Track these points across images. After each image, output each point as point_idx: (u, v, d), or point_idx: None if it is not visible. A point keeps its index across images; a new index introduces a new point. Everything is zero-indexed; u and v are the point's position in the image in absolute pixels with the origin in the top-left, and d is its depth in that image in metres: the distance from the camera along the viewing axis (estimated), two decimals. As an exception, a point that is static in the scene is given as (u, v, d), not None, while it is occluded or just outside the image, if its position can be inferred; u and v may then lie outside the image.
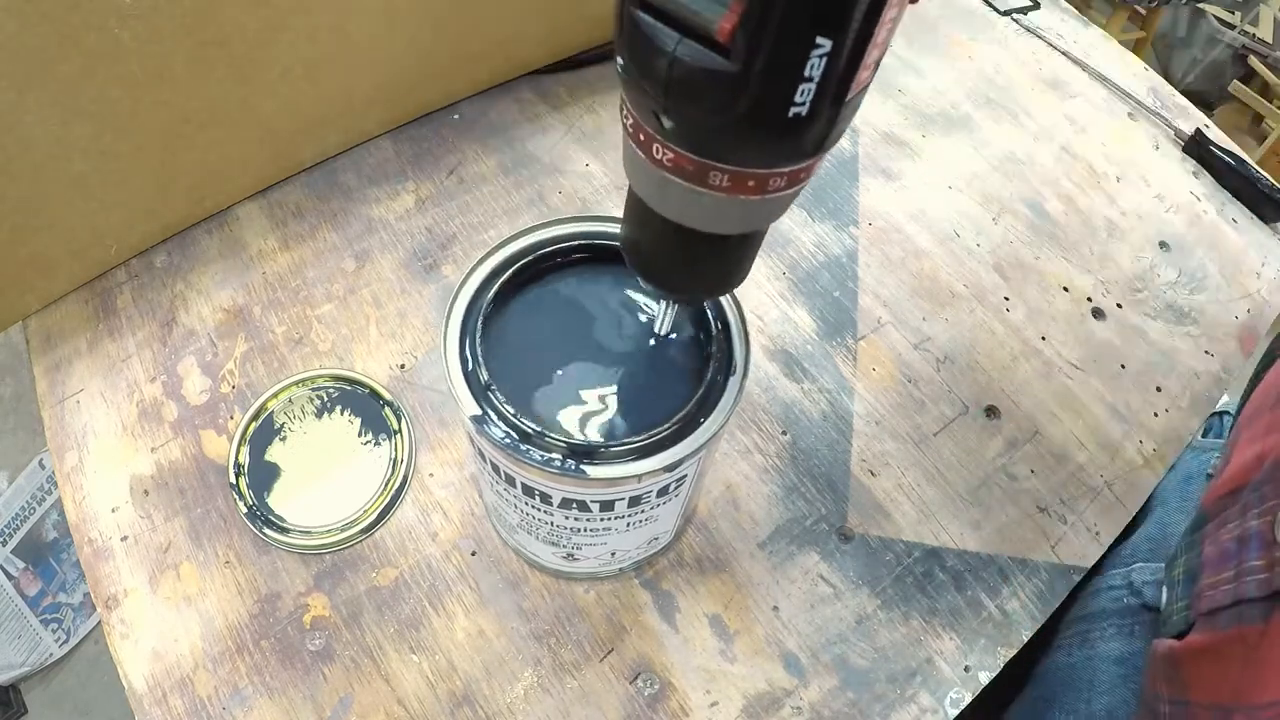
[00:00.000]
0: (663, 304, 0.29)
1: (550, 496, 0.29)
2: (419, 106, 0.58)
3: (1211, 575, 0.34)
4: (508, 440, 0.27)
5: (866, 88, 0.19)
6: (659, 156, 0.20)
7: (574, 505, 0.29)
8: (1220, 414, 0.49)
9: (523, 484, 0.29)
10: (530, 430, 0.27)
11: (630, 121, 0.21)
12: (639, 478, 0.27)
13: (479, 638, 0.41)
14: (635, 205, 0.24)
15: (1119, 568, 0.43)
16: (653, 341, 0.31)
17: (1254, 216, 0.63)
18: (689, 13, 0.16)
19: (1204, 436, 0.49)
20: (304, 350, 0.49)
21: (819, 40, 0.16)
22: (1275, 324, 0.59)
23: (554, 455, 0.27)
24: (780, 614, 0.43)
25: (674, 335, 0.31)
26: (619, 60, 0.19)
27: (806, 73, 0.16)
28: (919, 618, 0.43)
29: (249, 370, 0.48)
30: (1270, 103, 1.95)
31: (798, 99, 0.17)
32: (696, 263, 0.25)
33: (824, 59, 0.16)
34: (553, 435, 0.27)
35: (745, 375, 0.29)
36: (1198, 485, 0.45)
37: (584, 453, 0.27)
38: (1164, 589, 0.37)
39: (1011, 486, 0.48)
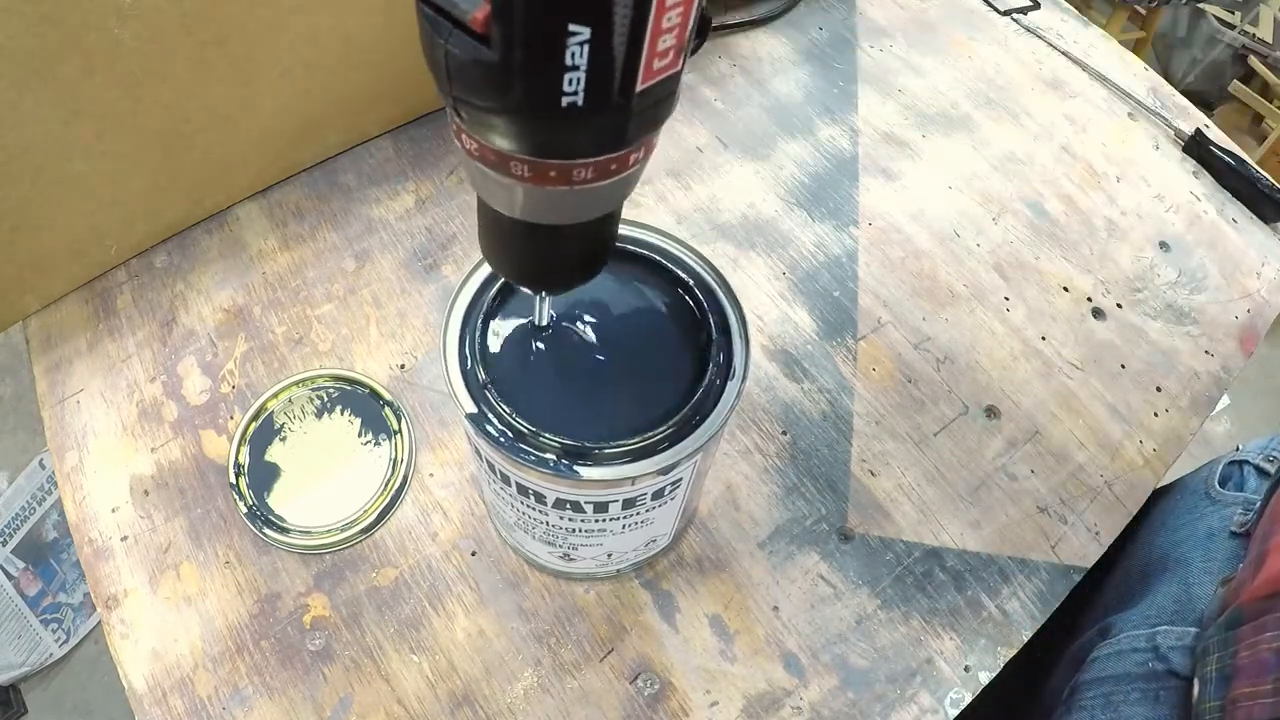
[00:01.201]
0: (536, 296, 0.29)
1: (545, 496, 0.29)
2: (419, 106, 0.58)
3: (1249, 684, 0.34)
4: (503, 439, 0.28)
5: (673, 78, 0.19)
6: (467, 146, 0.20)
7: (568, 506, 0.29)
8: (1240, 463, 0.49)
9: (518, 483, 0.29)
10: (526, 430, 0.27)
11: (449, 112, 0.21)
12: (632, 480, 0.27)
13: (479, 638, 0.41)
14: (478, 197, 0.24)
15: (1143, 629, 0.43)
16: (646, 337, 0.31)
17: (1254, 216, 0.63)
18: (450, 4, 0.17)
19: (1222, 487, 0.48)
20: (304, 350, 0.49)
21: (573, 28, 0.16)
22: (1275, 324, 0.59)
23: (548, 455, 0.27)
24: (780, 614, 0.43)
25: (675, 337, 0.31)
26: None
27: (570, 61, 0.16)
28: (919, 618, 0.43)
29: (249, 370, 0.48)
30: (1270, 103, 1.95)
31: (567, 89, 0.17)
32: (538, 253, 0.24)
33: (586, 47, 0.16)
34: (548, 435, 0.27)
35: (744, 380, 0.29)
36: (1220, 543, 0.45)
37: (578, 454, 0.27)
38: (1196, 682, 0.37)
39: (1011, 486, 0.48)
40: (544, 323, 0.30)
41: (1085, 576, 0.46)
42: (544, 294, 0.29)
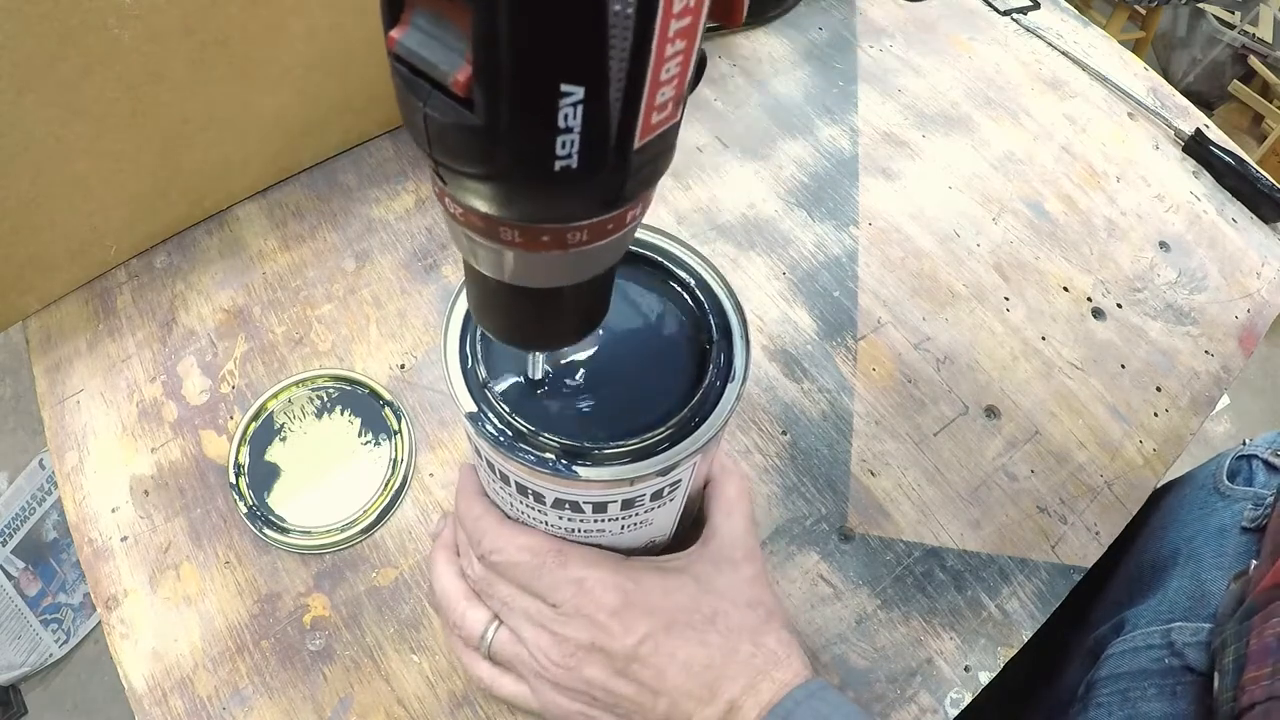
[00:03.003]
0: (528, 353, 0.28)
1: (543, 496, 0.29)
2: (419, 106, 0.58)
3: (1254, 670, 0.34)
4: (502, 439, 0.27)
5: (671, 130, 0.17)
6: (453, 211, 0.19)
7: (567, 506, 0.29)
8: (1248, 457, 0.49)
9: (517, 483, 0.29)
10: (525, 429, 0.27)
11: (431, 176, 0.19)
12: (631, 481, 0.27)
13: (479, 638, 0.41)
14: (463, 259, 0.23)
15: (1157, 625, 0.43)
16: (647, 337, 0.31)
17: (1254, 216, 0.63)
18: (428, 65, 0.15)
19: (1231, 481, 0.48)
20: (304, 350, 0.49)
21: (565, 89, 0.14)
22: (1275, 324, 0.59)
23: (547, 455, 0.27)
24: (780, 614, 0.43)
25: (675, 338, 0.31)
26: None
27: (562, 123, 0.15)
28: (919, 618, 0.43)
29: (249, 370, 0.48)
30: (1270, 103, 1.96)
31: (560, 151, 0.15)
32: (529, 316, 0.23)
33: (579, 107, 0.15)
34: (547, 435, 0.27)
35: (744, 381, 0.29)
36: (1231, 538, 0.45)
37: (577, 454, 0.27)
38: (1217, 675, 0.38)
39: (1011, 486, 0.48)
40: (538, 377, 0.29)
41: (1096, 570, 0.46)
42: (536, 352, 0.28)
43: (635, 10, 0.14)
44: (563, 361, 0.30)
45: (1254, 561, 0.41)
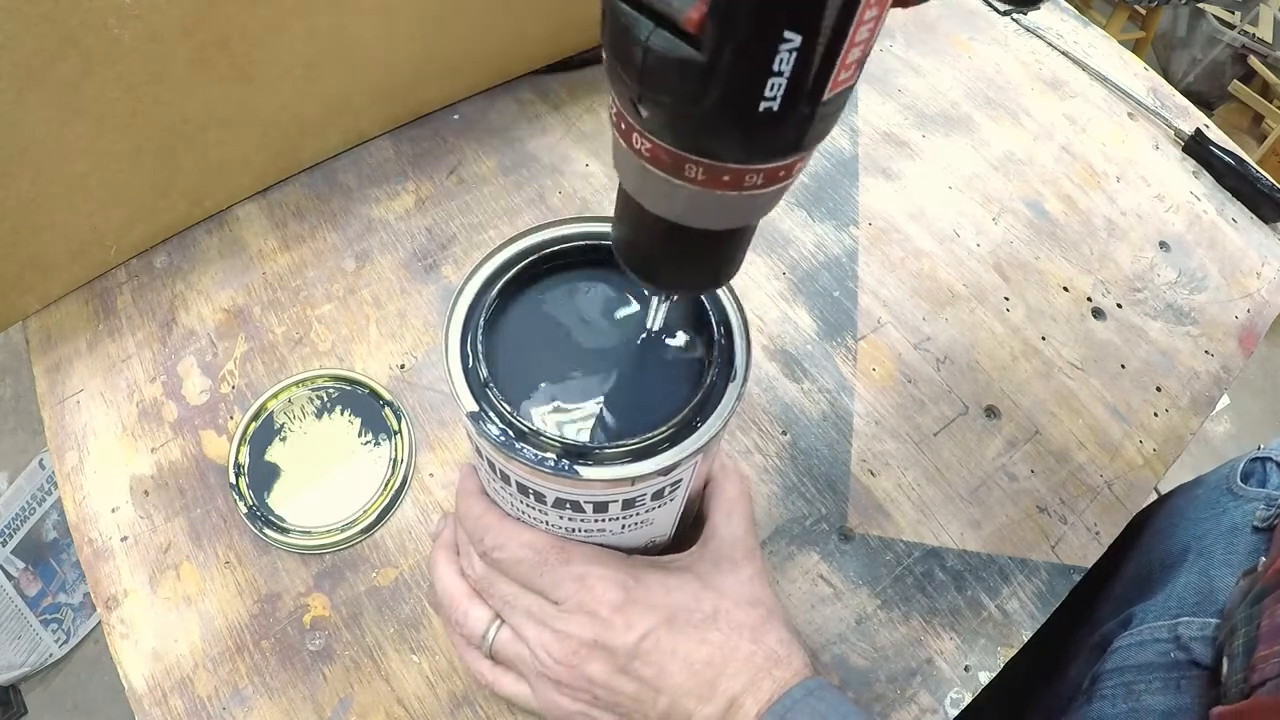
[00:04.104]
0: (654, 299, 0.29)
1: (544, 496, 0.29)
2: (419, 106, 0.58)
3: (1265, 649, 0.35)
4: (503, 438, 0.28)
5: (850, 89, 0.19)
6: (638, 146, 0.20)
7: (568, 505, 0.29)
8: (1262, 460, 0.49)
9: (518, 482, 0.29)
10: (526, 429, 0.27)
11: (614, 110, 0.21)
12: (632, 480, 0.27)
13: (479, 638, 0.41)
14: (622, 197, 0.24)
15: (1164, 619, 0.44)
16: (647, 337, 0.31)
17: (1254, 216, 0.63)
18: (661, 2, 0.16)
19: (1244, 483, 0.49)
20: (304, 350, 0.49)
21: (788, 35, 0.16)
22: (1275, 324, 0.59)
23: (548, 455, 0.27)
24: (780, 614, 0.43)
25: (676, 338, 0.31)
26: (603, 48, 0.19)
27: (776, 67, 0.16)
28: (919, 618, 0.43)
29: (249, 370, 0.48)
30: (1270, 103, 1.96)
31: (768, 93, 0.17)
32: (682, 257, 0.24)
33: (794, 54, 0.16)
34: (548, 435, 0.27)
35: (745, 381, 0.29)
36: (1242, 537, 0.45)
37: (578, 453, 0.27)
38: (1225, 660, 0.38)
39: (1011, 486, 0.48)
40: (656, 327, 0.30)
41: (1101, 569, 0.46)
42: (666, 299, 0.29)
43: None
44: (565, 360, 0.30)
45: (1263, 559, 0.41)
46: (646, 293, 0.29)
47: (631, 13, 0.17)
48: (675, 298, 0.29)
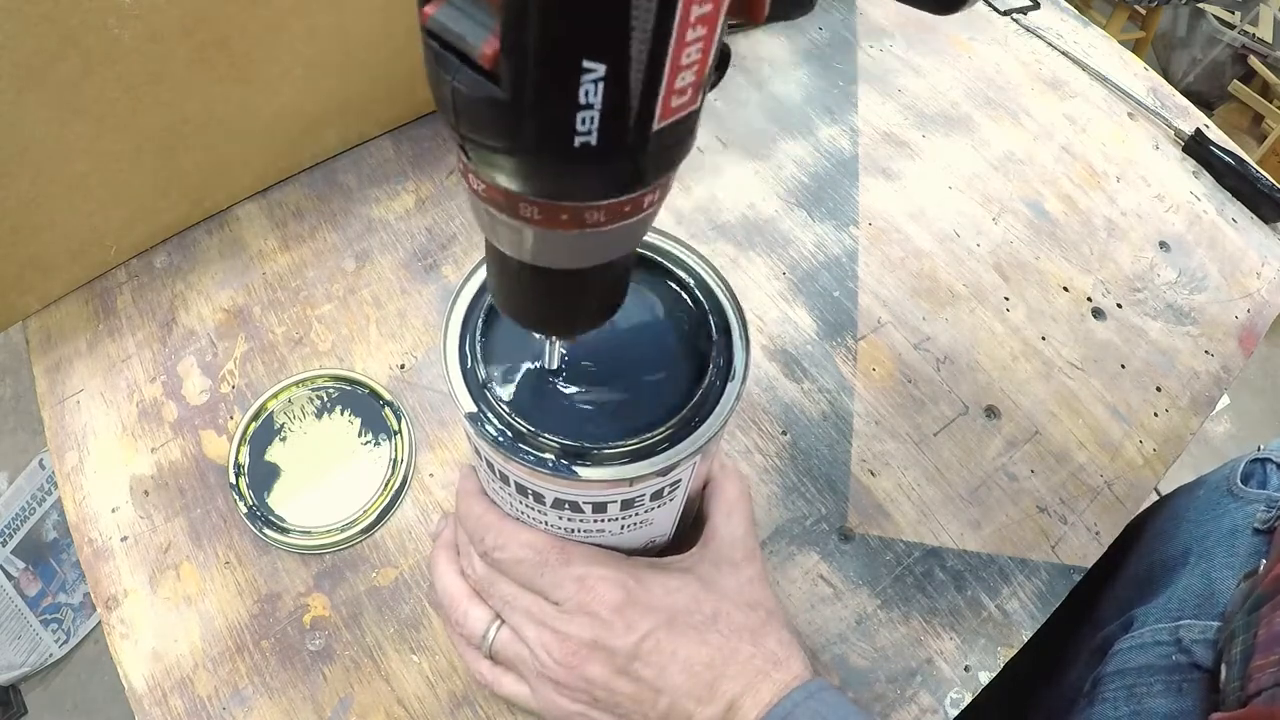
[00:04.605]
0: (547, 341, 0.28)
1: (543, 496, 0.29)
2: (419, 106, 0.58)
3: (1261, 658, 0.35)
4: (502, 439, 0.27)
5: (694, 113, 0.18)
6: (475, 187, 0.19)
7: (566, 506, 0.29)
8: (1262, 461, 0.49)
9: (516, 483, 0.29)
10: (525, 429, 0.27)
11: (456, 151, 0.20)
12: (630, 481, 0.27)
13: (479, 638, 0.41)
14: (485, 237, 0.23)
15: (1165, 622, 0.44)
16: (647, 338, 0.31)
17: (1254, 216, 0.63)
18: (457, 39, 0.16)
19: (1244, 484, 0.49)
20: (304, 350, 0.49)
21: (588, 64, 0.15)
22: (1275, 324, 0.59)
23: (546, 455, 0.27)
24: (780, 614, 0.43)
25: (675, 338, 0.31)
26: None
27: (584, 100, 0.15)
28: (919, 618, 0.43)
29: (249, 370, 0.48)
30: (1270, 103, 1.96)
31: (580, 127, 0.16)
32: (551, 297, 0.23)
33: (600, 84, 0.15)
34: (546, 435, 0.27)
35: (744, 381, 0.29)
36: (1243, 539, 0.45)
37: (576, 454, 0.27)
38: (1224, 666, 0.38)
39: (1011, 486, 0.48)
40: (554, 366, 0.29)
41: (1103, 569, 0.46)
42: (554, 339, 0.28)
43: None
44: (565, 359, 0.30)
45: (1264, 561, 0.41)
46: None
47: (439, 49, 0.16)
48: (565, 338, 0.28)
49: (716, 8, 0.15)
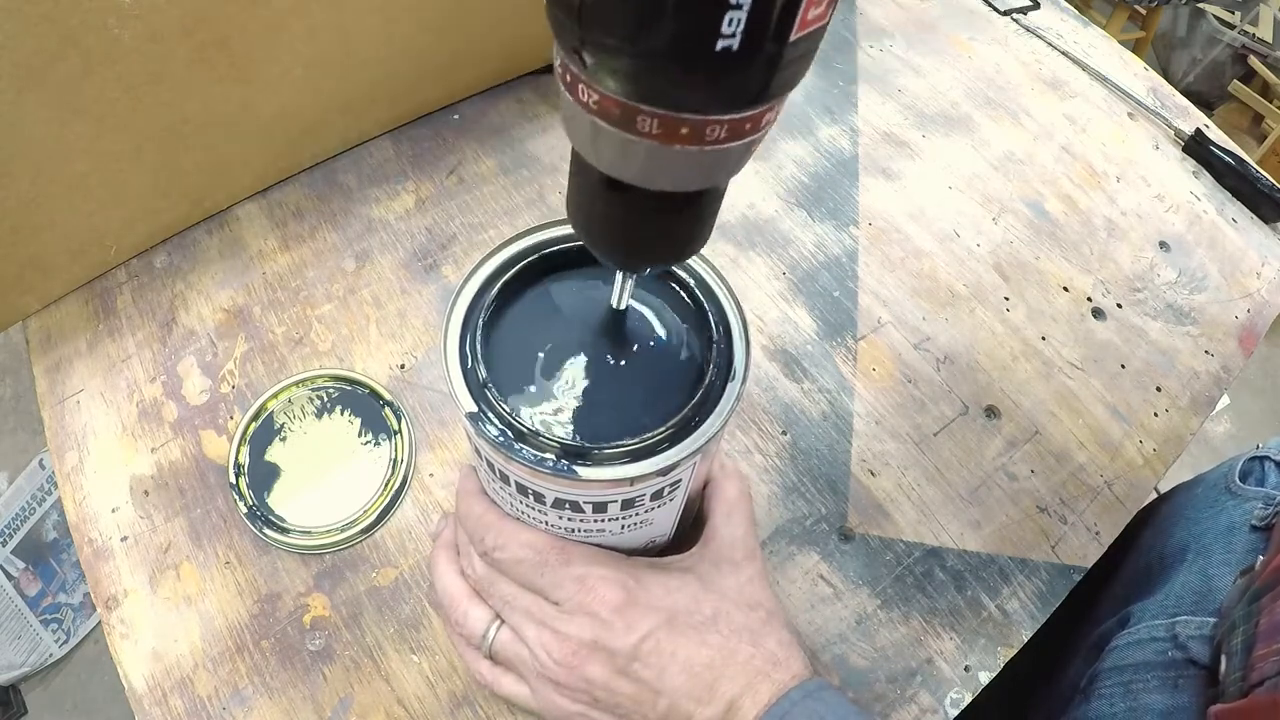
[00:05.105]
0: (618, 274, 0.27)
1: (544, 496, 0.29)
2: (419, 106, 0.58)
3: (1264, 646, 0.35)
4: (502, 438, 0.27)
5: (823, 28, 0.17)
6: (585, 99, 0.18)
7: (567, 505, 0.29)
8: (1260, 459, 0.49)
9: (517, 483, 0.29)
10: (525, 429, 0.27)
11: (558, 61, 0.19)
12: (631, 480, 0.27)
13: (479, 638, 0.41)
14: (574, 160, 0.22)
15: (1162, 618, 0.44)
16: (645, 338, 0.31)
17: (1254, 216, 0.63)
18: None
19: (1243, 481, 0.49)
20: (304, 350, 0.49)
21: None
22: (1275, 324, 0.59)
23: (547, 455, 0.27)
24: (780, 614, 0.43)
25: (674, 338, 0.31)
26: None
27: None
28: (919, 618, 0.43)
29: (249, 370, 0.48)
30: (1270, 103, 1.96)
31: (726, 30, 0.15)
32: (642, 226, 0.22)
33: None
34: (547, 435, 0.27)
35: (744, 381, 0.29)
36: (1240, 536, 0.45)
37: (577, 453, 0.27)
38: (1223, 658, 0.38)
39: (1011, 486, 0.48)
40: (622, 305, 0.28)
41: (1101, 567, 0.46)
42: (631, 273, 0.27)
43: None
44: (565, 359, 0.30)
45: (1261, 557, 0.41)
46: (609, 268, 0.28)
47: None
48: (641, 274, 0.27)
49: None
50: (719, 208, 0.24)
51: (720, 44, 0.15)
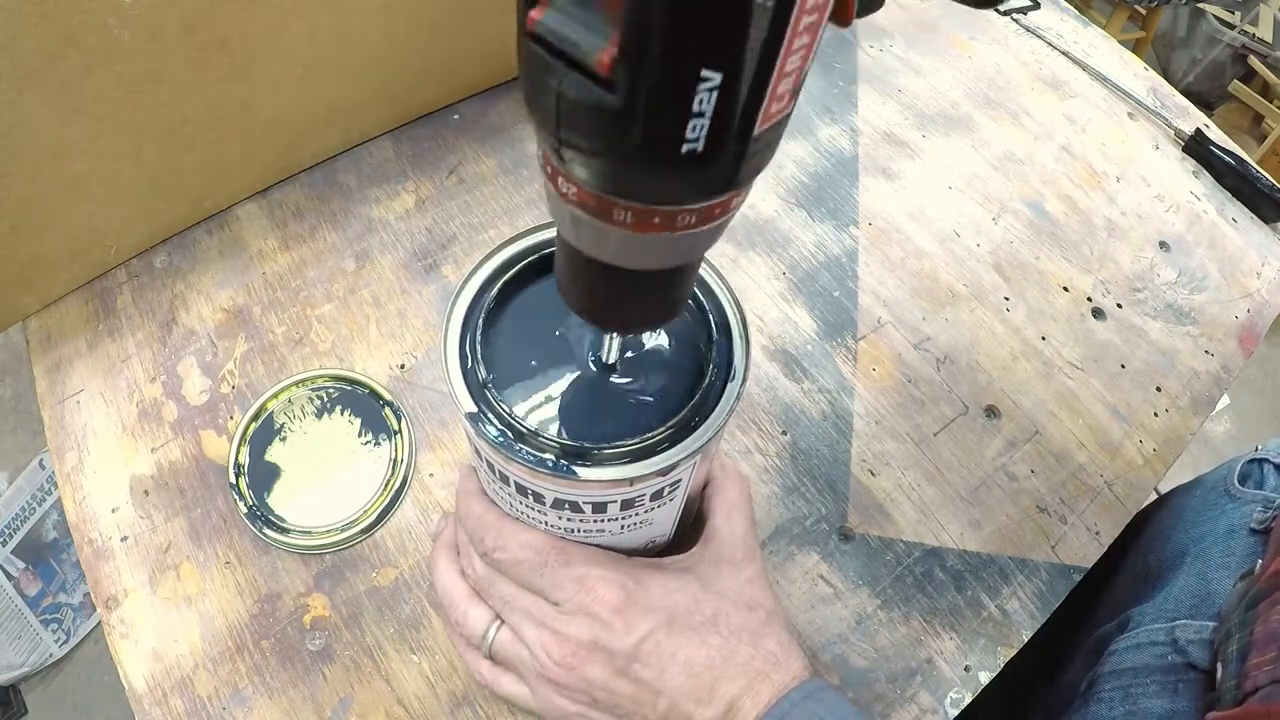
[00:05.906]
0: (606, 335, 0.29)
1: (543, 496, 0.29)
2: (419, 106, 0.58)
3: (1258, 656, 0.35)
4: (501, 439, 0.27)
5: (785, 120, 0.18)
6: (565, 190, 0.19)
7: (566, 506, 0.29)
8: (1259, 461, 0.49)
9: (516, 483, 0.29)
10: (525, 429, 0.27)
11: (540, 153, 0.20)
12: (630, 481, 0.27)
13: (479, 638, 0.41)
14: (558, 236, 0.23)
15: (1161, 622, 0.44)
16: (650, 342, 0.31)
17: (1254, 216, 0.63)
18: (570, 45, 0.16)
19: (1241, 485, 0.49)
20: (304, 350, 0.49)
21: (705, 73, 0.15)
22: (1275, 324, 0.59)
23: (546, 455, 0.27)
24: (780, 614, 0.43)
25: (673, 341, 0.31)
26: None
27: (696, 108, 0.16)
28: (919, 618, 0.43)
29: (249, 370, 0.48)
30: (1270, 103, 1.96)
31: (689, 135, 0.16)
32: (623, 297, 0.24)
33: (714, 92, 0.15)
34: (546, 435, 0.27)
35: (744, 381, 0.29)
36: (1239, 539, 0.45)
37: (576, 454, 0.27)
38: (1219, 664, 0.38)
39: (1011, 486, 0.48)
40: (613, 361, 0.29)
41: (1100, 570, 0.46)
42: (616, 335, 0.28)
43: (774, 2, 0.15)
44: (564, 360, 0.30)
45: (1259, 562, 0.41)
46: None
47: (544, 55, 0.16)
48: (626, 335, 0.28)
49: (820, 15, 0.16)
50: (696, 275, 0.25)
51: (686, 147, 0.16)
